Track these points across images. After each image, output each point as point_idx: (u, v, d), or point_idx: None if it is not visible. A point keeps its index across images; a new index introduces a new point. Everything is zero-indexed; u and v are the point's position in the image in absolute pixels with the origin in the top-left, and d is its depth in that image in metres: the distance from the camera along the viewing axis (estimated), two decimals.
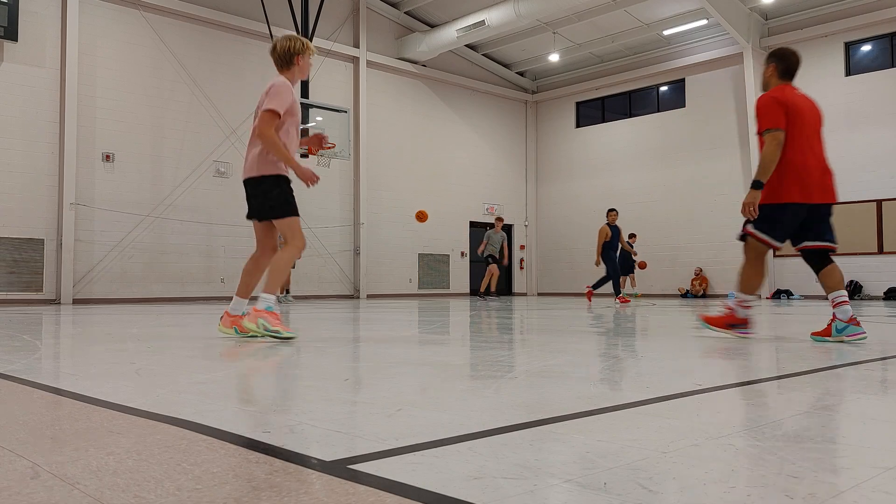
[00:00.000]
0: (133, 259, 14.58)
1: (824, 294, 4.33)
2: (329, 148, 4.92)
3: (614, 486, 1.23)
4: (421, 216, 11.77)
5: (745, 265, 4.36)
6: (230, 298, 4.97)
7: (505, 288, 22.25)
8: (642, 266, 17.79)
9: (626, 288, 18.61)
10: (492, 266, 15.25)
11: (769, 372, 2.92)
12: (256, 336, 4.30)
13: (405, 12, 19.13)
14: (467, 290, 20.73)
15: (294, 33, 4.79)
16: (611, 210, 13.69)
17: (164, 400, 2.18)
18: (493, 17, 17.30)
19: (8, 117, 13.28)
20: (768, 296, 16.89)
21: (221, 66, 15.99)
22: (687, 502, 1.16)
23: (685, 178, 19.00)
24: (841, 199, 16.57)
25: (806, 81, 16.91)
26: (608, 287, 13.88)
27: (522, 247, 22.48)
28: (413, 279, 19.17)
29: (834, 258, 4.32)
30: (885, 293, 15.40)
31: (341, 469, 1.35)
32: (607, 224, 13.40)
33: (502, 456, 1.44)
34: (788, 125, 4.13)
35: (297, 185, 4.59)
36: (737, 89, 17.87)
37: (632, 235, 18.32)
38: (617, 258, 13.51)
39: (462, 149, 20.70)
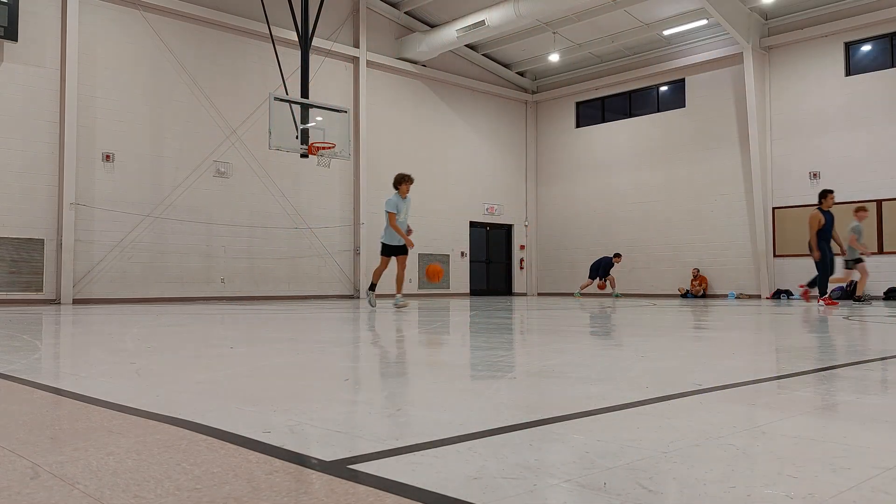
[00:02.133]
0: (133, 259, 14.58)
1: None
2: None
3: (614, 486, 1.23)
4: (435, 273, 9.91)
5: None
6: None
7: (504, 288, 22.26)
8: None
9: (597, 288, 18.76)
10: (862, 265, 12.16)
11: (769, 372, 2.92)
12: None
13: (405, 12, 19.12)
14: (467, 291, 20.72)
15: None
16: (828, 192, 11.19)
17: (164, 400, 2.18)
18: (493, 17, 17.30)
19: (8, 117, 13.28)
20: (768, 296, 16.90)
21: (221, 66, 15.99)
22: (687, 502, 1.16)
23: (685, 178, 19.00)
24: (841, 199, 16.51)
25: (806, 81, 16.93)
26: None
27: (522, 247, 22.47)
28: (413, 279, 19.16)
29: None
30: (885, 293, 15.40)
31: (341, 469, 1.35)
32: (819, 209, 11.07)
33: (502, 456, 1.44)
34: None
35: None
36: (737, 89, 17.86)
37: (616, 255, 18.40)
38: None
39: (462, 149, 20.69)
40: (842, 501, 1.15)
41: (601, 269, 18.23)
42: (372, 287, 10.11)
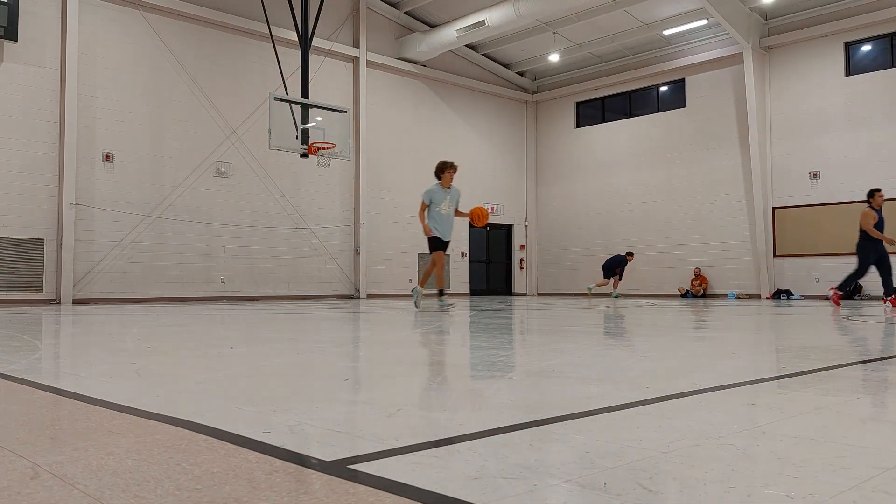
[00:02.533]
0: (133, 259, 14.58)
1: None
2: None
3: (614, 486, 1.23)
4: (479, 216, 8.89)
5: None
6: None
7: (504, 288, 22.26)
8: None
9: (600, 289, 18.67)
10: None
11: (769, 372, 2.92)
12: None
13: (405, 12, 19.12)
14: (467, 291, 20.72)
15: None
16: (876, 191, 10.71)
17: (164, 400, 2.18)
18: (493, 17, 17.30)
19: (8, 117, 13.28)
20: (768, 296, 16.89)
21: (221, 66, 15.99)
22: (687, 502, 1.16)
23: (685, 178, 19.00)
24: (841, 199, 16.49)
25: (806, 81, 16.93)
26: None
27: (522, 247, 22.47)
28: (413, 279, 19.16)
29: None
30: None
31: (341, 469, 1.35)
32: (871, 207, 10.60)
33: (502, 456, 1.44)
34: None
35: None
36: (737, 89, 17.86)
37: (629, 253, 18.31)
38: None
39: (462, 149, 20.67)
40: (842, 501, 1.15)
41: (616, 266, 18.13)
42: (440, 293, 9.15)
